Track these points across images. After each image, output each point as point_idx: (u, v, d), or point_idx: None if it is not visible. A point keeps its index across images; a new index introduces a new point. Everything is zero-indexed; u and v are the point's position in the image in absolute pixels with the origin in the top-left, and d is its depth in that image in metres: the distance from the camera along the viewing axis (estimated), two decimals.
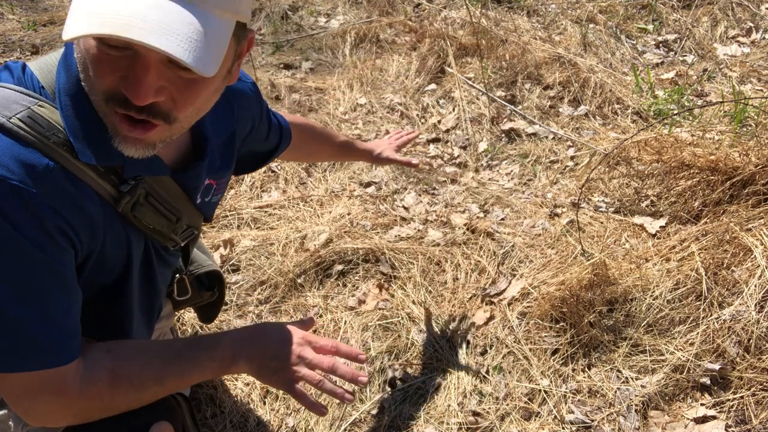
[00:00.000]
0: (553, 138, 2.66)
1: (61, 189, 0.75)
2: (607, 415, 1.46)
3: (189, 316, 1.76)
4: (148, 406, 0.88)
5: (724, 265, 1.66)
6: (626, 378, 1.53)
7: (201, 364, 0.91)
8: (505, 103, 2.88)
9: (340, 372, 0.95)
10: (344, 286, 1.92)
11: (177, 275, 1.18)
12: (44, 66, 0.81)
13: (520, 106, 2.89)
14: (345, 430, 1.49)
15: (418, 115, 2.96)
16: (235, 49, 0.78)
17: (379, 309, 1.81)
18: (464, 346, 1.68)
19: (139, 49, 0.66)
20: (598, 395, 1.51)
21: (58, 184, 0.74)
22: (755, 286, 1.56)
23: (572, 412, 1.47)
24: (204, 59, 0.67)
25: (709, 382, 1.48)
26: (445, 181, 2.48)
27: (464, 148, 2.70)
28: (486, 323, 1.74)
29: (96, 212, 0.80)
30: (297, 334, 0.97)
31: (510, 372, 1.60)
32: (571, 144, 2.60)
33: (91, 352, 0.84)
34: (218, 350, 0.92)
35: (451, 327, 1.75)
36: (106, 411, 0.84)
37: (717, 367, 1.48)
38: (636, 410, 1.45)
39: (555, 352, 1.62)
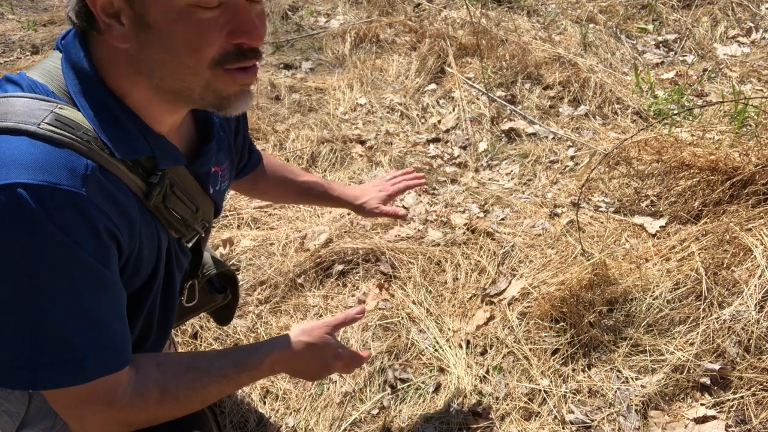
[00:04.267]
0: (553, 138, 2.66)
1: (104, 188, 0.73)
2: (607, 415, 1.46)
3: None
4: (182, 417, 0.91)
5: (724, 265, 1.66)
6: (626, 378, 1.53)
7: (242, 384, 0.98)
8: (505, 103, 2.88)
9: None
10: (344, 286, 1.92)
11: (189, 282, 1.16)
12: (46, 72, 0.79)
13: (520, 106, 2.89)
14: (345, 430, 1.49)
15: (418, 115, 2.96)
16: None
17: (379, 309, 1.81)
18: (464, 346, 1.68)
19: None
20: (598, 395, 1.51)
21: (100, 183, 0.73)
22: (755, 286, 1.56)
23: (572, 412, 1.47)
24: None
25: (709, 382, 1.48)
26: (445, 181, 2.48)
27: (464, 148, 2.70)
28: (486, 323, 1.74)
29: (133, 210, 0.79)
30: (325, 339, 1.07)
31: (510, 372, 1.60)
32: (571, 144, 2.59)
33: (142, 365, 0.85)
34: (261, 371, 0.99)
35: (450, 327, 1.75)
36: (148, 422, 0.87)
37: (717, 367, 1.48)
38: (636, 410, 1.45)
39: (555, 352, 1.62)
